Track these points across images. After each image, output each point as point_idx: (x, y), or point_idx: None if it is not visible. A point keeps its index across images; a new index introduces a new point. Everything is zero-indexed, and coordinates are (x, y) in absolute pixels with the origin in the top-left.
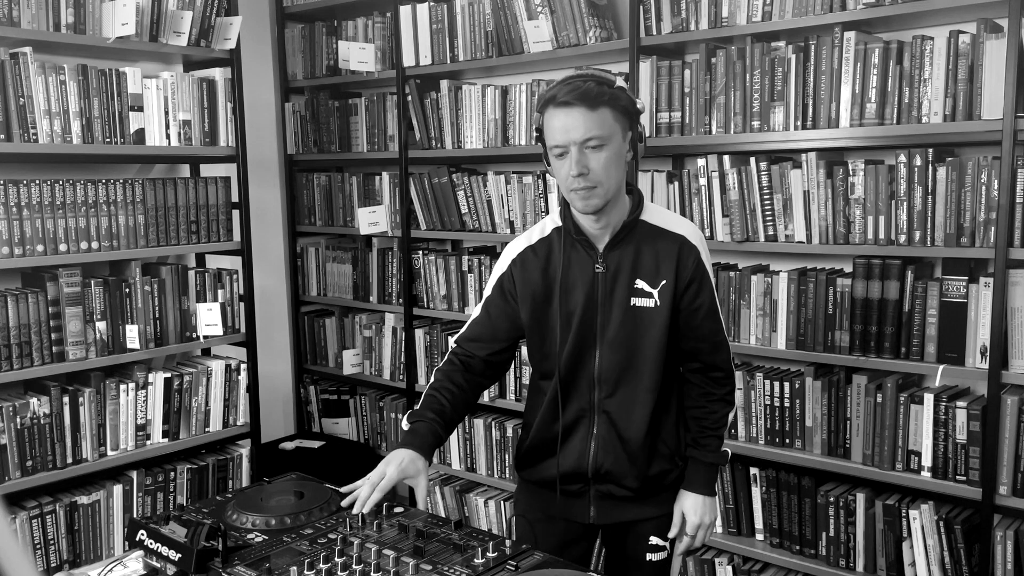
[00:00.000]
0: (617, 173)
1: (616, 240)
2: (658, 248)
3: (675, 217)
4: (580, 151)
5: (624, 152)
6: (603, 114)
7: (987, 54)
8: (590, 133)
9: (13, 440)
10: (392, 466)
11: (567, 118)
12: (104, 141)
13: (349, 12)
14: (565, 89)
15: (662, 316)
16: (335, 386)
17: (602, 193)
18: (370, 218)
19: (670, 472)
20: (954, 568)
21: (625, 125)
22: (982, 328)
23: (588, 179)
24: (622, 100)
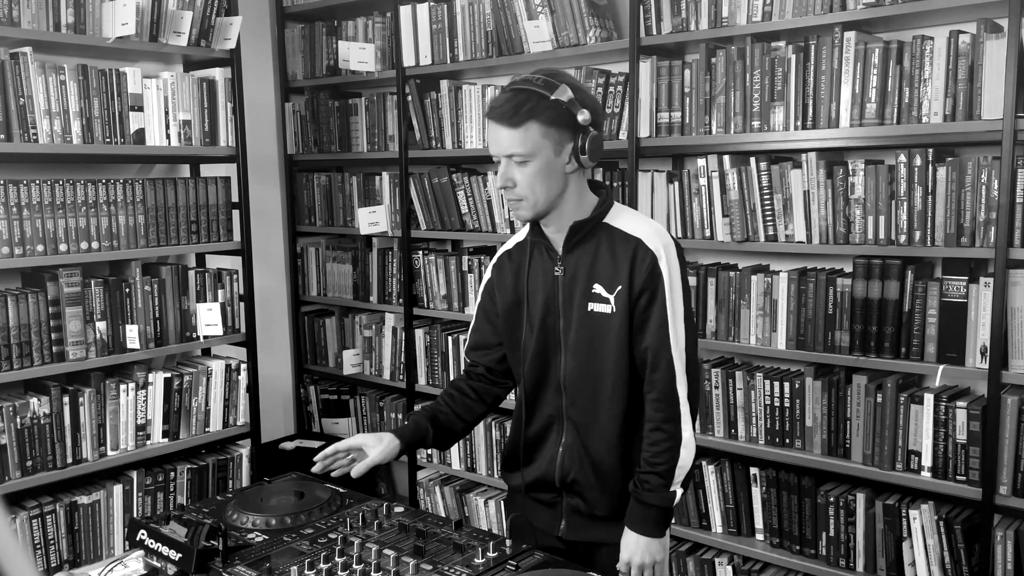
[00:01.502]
0: (546, 187)
1: (573, 243)
2: (616, 252)
3: (639, 220)
4: (507, 164)
5: (560, 165)
6: (528, 130)
7: (987, 54)
8: (511, 150)
9: (13, 440)
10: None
11: (492, 132)
12: (104, 141)
13: (349, 12)
14: (498, 102)
15: (618, 324)
16: (335, 386)
17: (528, 205)
18: (370, 218)
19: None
20: (954, 568)
21: (562, 137)
22: (982, 328)
23: (513, 192)
24: (558, 113)
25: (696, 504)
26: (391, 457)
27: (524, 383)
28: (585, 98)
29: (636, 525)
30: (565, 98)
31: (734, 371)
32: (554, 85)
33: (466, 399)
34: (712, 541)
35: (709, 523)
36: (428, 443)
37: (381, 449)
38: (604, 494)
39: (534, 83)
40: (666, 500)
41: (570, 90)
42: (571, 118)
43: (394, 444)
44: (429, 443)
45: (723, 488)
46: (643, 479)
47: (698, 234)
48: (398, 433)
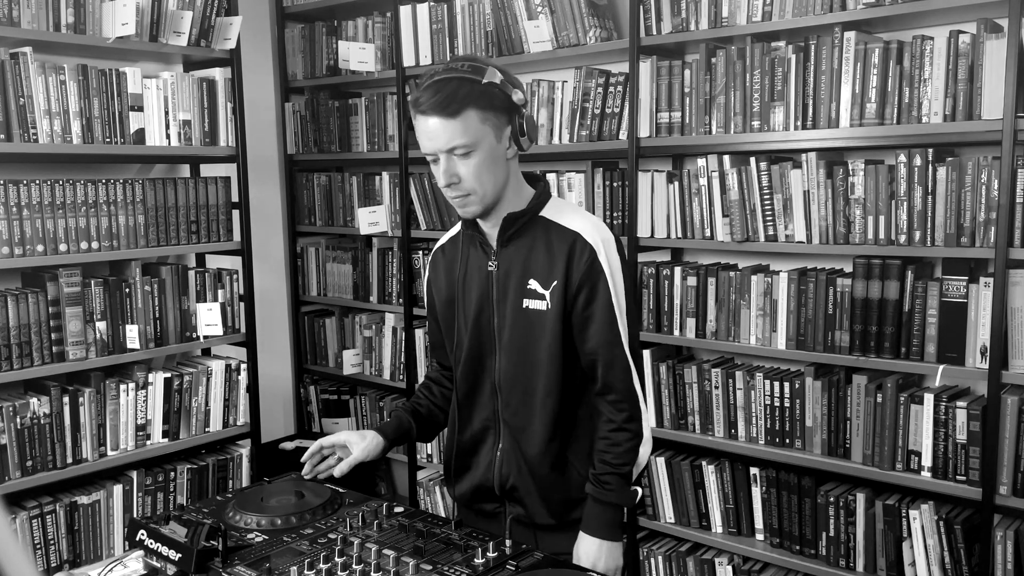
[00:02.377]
0: (493, 177)
1: (508, 237)
2: (552, 246)
3: (577, 212)
4: (448, 159)
5: (503, 151)
6: (467, 119)
7: (987, 54)
8: (453, 142)
9: (13, 440)
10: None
11: (428, 126)
12: (104, 141)
13: (349, 12)
14: (426, 94)
15: (553, 321)
16: (335, 386)
17: (478, 199)
18: (370, 218)
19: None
20: (954, 568)
21: (500, 122)
22: (982, 328)
23: (460, 187)
24: (493, 97)
25: (696, 504)
26: (375, 455)
27: (458, 385)
28: (512, 78)
29: (596, 530)
30: (497, 80)
31: (734, 371)
32: (481, 69)
33: (444, 389)
34: (712, 541)
35: (709, 523)
36: (412, 436)
37: (364, 447)
38: (543, 501)
39: (461, 70)
40: (628, 498)
41: (498, 71)
42: (506, 100)
43: (377, 441)
44: (414, 436)
45: (723, 488)
46: (604, 480)
47: (698, 234)
48: (381, 430)
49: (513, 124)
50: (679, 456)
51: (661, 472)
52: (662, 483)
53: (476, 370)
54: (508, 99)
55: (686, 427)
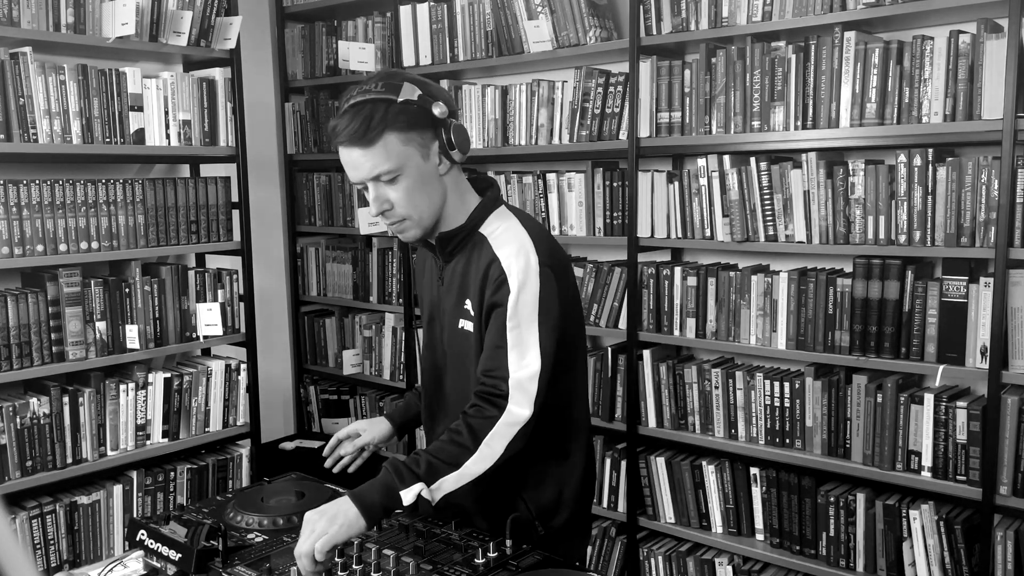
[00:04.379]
0: (427, 198)
1: (448, 253)
2: (480, 265)
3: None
4: (376, 186)
5: (433, 169)
6: (386, 143)
7: (987, 54)
8: (377, 170)
9: (13, 440)
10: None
11: (350, 157)
12: (104, 141)
13: (349, 12)
14: (342, 123)
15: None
16: (335, 386)
17: (414, 224)
18: (370, 218)
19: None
20: (954, 568)
21: (425, 139)
22: (982, 328)
23: (394, 214)
24: (411, 115)
25: (696, 504)
26: (385, 440)
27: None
28: (432, 90)
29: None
30: (415, 96)
31: (734, 371)
32: (396, 86)
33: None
34: (712, 541)
35: (709, 523)
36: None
37: (371, 432)
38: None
39: (374, 91)
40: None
41: (415, 86)
42: (426, 115)
43: (384, 427)
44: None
45: (723, 488)
46: (413, 457)
47: (698, 234)
48: (389, 416)
49: (440, 138)
50: (679, 456)
51: (661, 472)
52: (662, 483)
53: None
54: (429, 114)
55: (686, 427)
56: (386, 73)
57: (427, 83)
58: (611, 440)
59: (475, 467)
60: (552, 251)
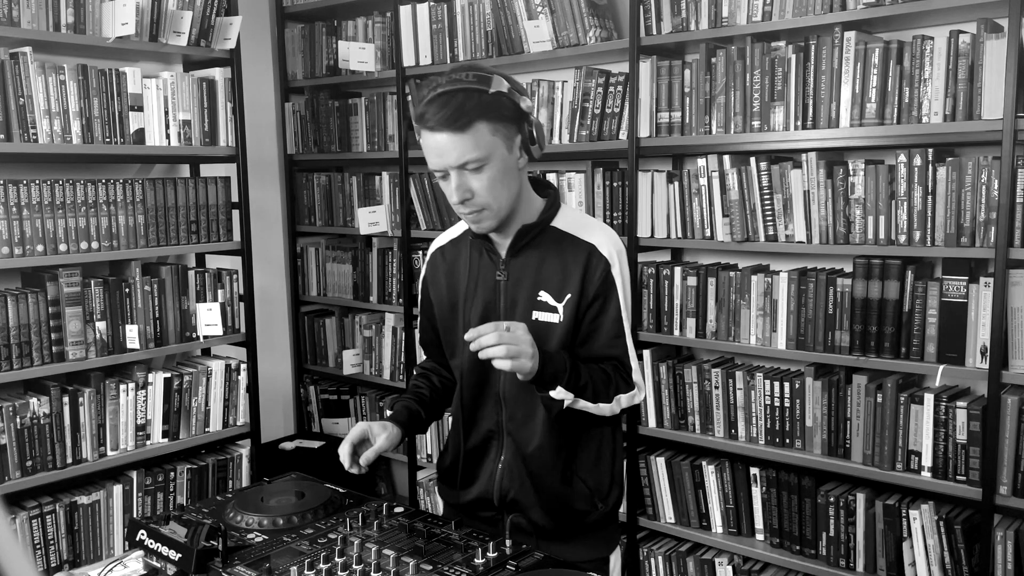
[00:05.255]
0: (507, 190)
1: (518, 247)
2: (566, 257)
3: (591, 222)
4: (460, 174)
5: (515, 162)
6: (477, 132)
7: (987, 54)
8: (465, 157)
9: (13, 440)
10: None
11: (436, 142)
12: (104, 141)
13: (349, 12)
14: (432, 109)
15: (562, 333)
16: (335, 386)
17: (492, 214)
18: (370, 218)
19: (588, 513)
20: (954, 568)
21: (510, 132)
22: (982, 328)
23: (473, 203)
24: (502, 107)
25: (696, 504)
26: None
27: (462, 394)
28: (518, 85)
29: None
30: (504, 88)
31: (734, 371)
32: (487, 78)
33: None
34: (712, 541)
35: (709, 523)
36: (422, 423)
37: (387, 435)
38: (548, 513)
39: (465, 80)
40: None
41: (504, 80)
42: (514, 109)
43: (395, 431)
44: (423, 423)
45: (723, 488)
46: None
47: (698, 234)
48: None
49: (523, 132)
50: (679, 456)
51: (661, 472)
52: (662, 483)
53: (480, 381)
54: (517, 107)
55: (686, 427)
56: (470, 65)
57: (513, 79)
58: None
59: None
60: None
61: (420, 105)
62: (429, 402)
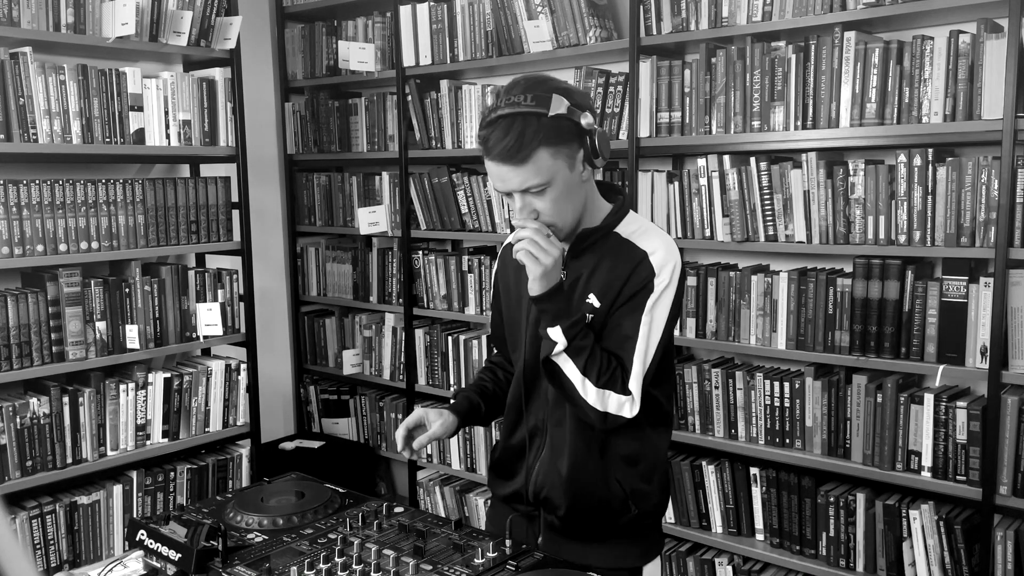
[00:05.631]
0: (571, 205)
1: (579, 249)
2: (619, 263)
3: (653, 230)
4: (523, 197)
5: (578, 177)
6: (538, 160)
7: (987, 54)
8: (527, 184)
9: (13, 440)
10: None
11: (499, 171)
12: (104, 141)
13: (349, 12)
14: (493, 137)
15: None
16: (335, 386)
17: (559, 230)
18: (370, 218)
19: (621, 515)
20: (954, 568)
21: (572, 151)
22: (982, 328)
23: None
24: (562, 130)
25: (696, 504)
26: (450, 432)
27: (517, 388)
28: (578, 99)
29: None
30: (564, 110)
31: (734, 371)
32: (546, 99)
33: (507, 373)
34: (712, 541)
35: (709, 523)
36: (480, 416)
37: (442, 423)
38: (579, 514)
39: (524, 104)
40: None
41: (563, 96)
42: (575, 128)
43: (452, 419)
44: (481, 416)
45: (723, 488)
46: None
47: (698, 234)
48: (454, 409)
49: (584, 147)
50: (679, 456)
51: None
52: None
53: (533, 378)
54: (577, 126)
55: (686, 427)
56: (533, 82)
57: (571, 90)
58: None
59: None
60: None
61: (481, 128)
62: (491, 395)
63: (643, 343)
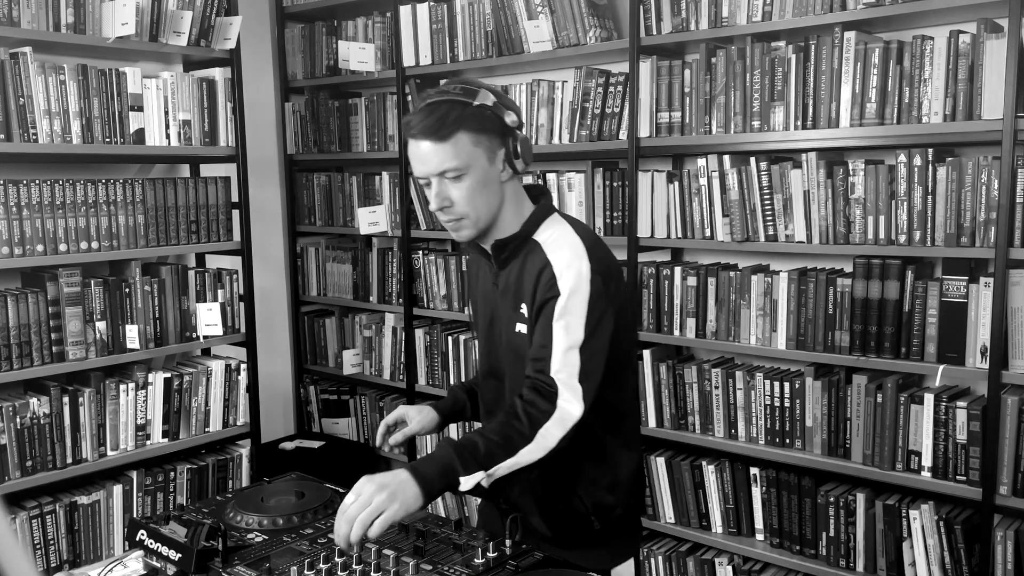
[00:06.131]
0: (486, 200)
1: (501, 258)
2: (531, 271)
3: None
4: (440, 182)
5: (496, 174)
6: (457, 142)
7: (987, 54)
8: (444, 165)
9: (13, 440)
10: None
11: (419, 150)
12: (104, 141)
13: (349, 12)
14: (417, 117)
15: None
16: (335, 386)
17: (470, 223)
18: (370, 218)
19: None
20: (954, 568)
21: (493, 144)
22: (982, 328)
23: (452, 211)
24: (485, 119)
25: (696, 504)
26: (430, 429)
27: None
28: (506, 101)
29: (419, 464)
30: (489, 102)
31: (734, 371)
32: (474, 91)
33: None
34: (712, 541)
35: (709, 523)
36: (467, 415)
37: (419, 420)
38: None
39: (453, 93)
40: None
41: (491, 94)
42: (498, 123)
43: (432, 416)
44: (468, 415)
45: (723, 488)
46: (471, 439)
47: (698, 234)
48: (436, 407)
49: (507, 146)
50: (679, 456)
51: (661, 472)
52: (662, 483)
53: (496, 386)
54: (501, 121)
55: (686, 427)
56: (465, 79)
57: (502, 94)
58: None
59: (528, 456)
60: (604, 258)
61: (408, 114)
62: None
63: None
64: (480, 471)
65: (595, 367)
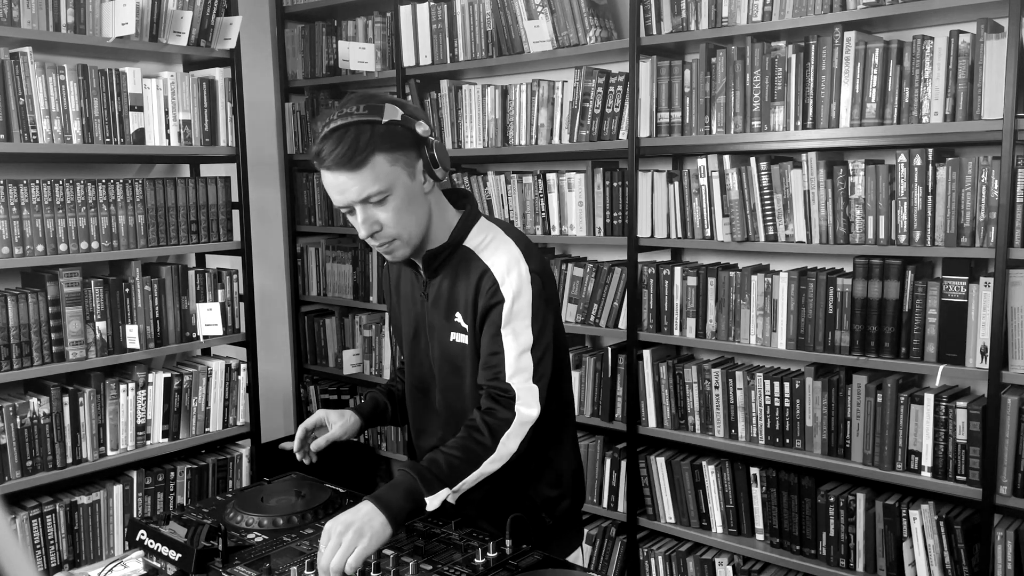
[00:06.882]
0: (414, 217)
1: (432, 268)
2: (468, 279)
3: (499, 242)
4: (364, 208)
5: (419, 188)
6: (375, 166)
7: (987, 54)
8: (365, 192)
9: (13, 440)
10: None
11: (336, 181)
12: (104, 141)
13: (349, 12)
14: (327, 147)
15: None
16: (335, 386)
17: (403, 243)
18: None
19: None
20: (954, 568)
21: (410, 159)
22: (982, 328)
23: (383, 235)
24: (397, 136)
25: (696, 504)
26: (352, 433)
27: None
28: (411, 110)
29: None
30: (398, 116)
31: (734, 371)
32: (379, 107)
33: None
34: (712, 541)
35: (709, 523)
36: (387, 418)
37: (342, 424)
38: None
39: (356, 113)
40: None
41: (396, 106)
42: (410, 135)
43: (354, 420)
44: (388, 418)
45: (723, 488)
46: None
47: (698, 234)
48: (357, 410)
49: (423, 157)
50: (679, 456)
51: (661, 472)
52: (662, 483)
53: (421, 399)
54: (412, 133)
55: (686, 427)
56: (363, 95)
57: (405, 103)
58: (611, 440)
59: (492, 466)
60: (539, 259)
61: (315, 142)
62: (400, 397)
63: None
64: (445, 488)
65: (547, 366)
